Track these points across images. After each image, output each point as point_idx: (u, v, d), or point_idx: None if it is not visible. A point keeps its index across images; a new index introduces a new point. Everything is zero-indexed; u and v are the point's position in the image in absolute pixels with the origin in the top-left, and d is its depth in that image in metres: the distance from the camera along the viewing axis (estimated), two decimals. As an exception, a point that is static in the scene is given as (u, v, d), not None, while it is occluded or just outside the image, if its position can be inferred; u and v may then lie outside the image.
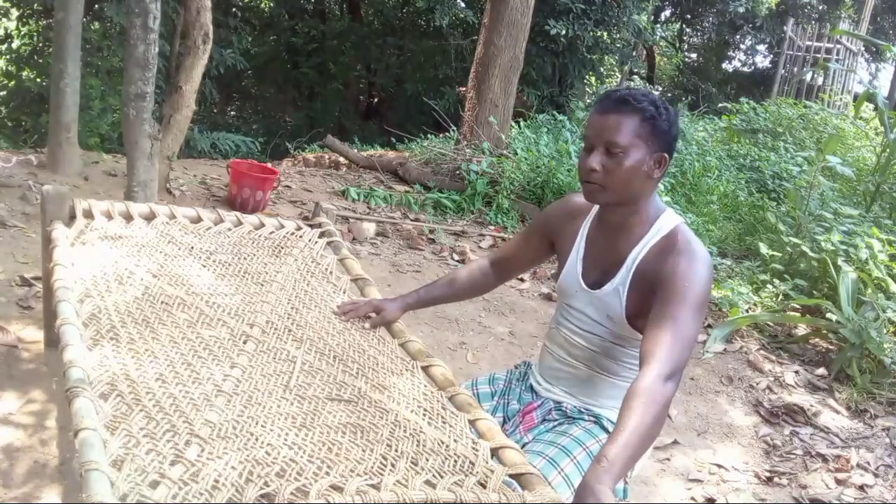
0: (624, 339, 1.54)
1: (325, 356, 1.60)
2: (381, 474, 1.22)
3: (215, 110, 10.57)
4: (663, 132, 1.42)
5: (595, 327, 1.56)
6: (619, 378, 1.58)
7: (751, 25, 12.91)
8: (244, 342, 1.59)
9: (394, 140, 7.11)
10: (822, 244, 3.96)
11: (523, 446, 1.54)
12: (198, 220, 2.18)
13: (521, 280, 4.03)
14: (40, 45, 7.15)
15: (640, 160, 1.41)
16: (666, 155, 1.44)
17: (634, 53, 10.21)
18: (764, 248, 4.30)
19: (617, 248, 1.52)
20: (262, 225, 2.23)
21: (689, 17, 14.19)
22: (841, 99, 10.43)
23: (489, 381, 1.76)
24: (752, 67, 15.00)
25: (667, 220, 1.50)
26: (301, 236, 2.23)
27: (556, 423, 1.59)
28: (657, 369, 1.26)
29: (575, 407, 1.60)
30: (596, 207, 1.59)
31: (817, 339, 3.73)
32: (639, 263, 1.48)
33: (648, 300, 1.42)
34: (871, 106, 7.65)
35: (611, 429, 1.54)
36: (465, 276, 1.82)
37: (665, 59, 15.22)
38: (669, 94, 14.33)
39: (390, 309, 1.78)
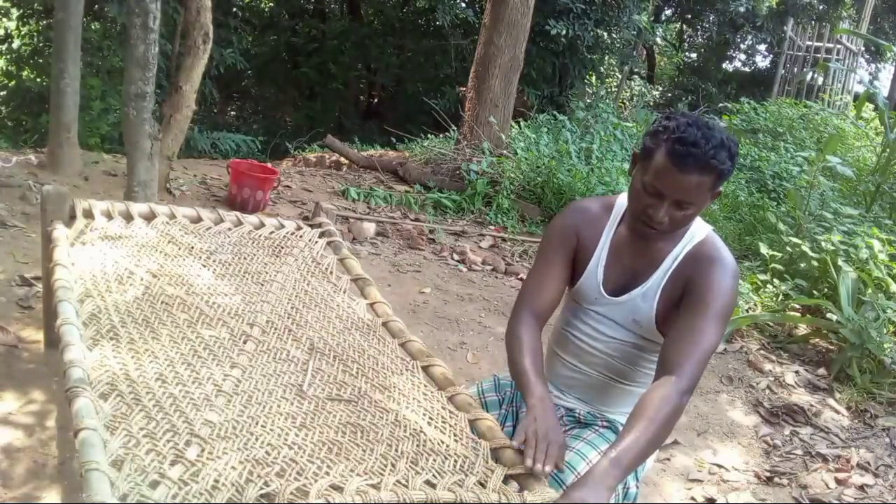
0: (646, 344, 1.53)
1: (326, 356, 1.60)
2: (382, 474, 1.22)
3: (215, 110, 10.56)
4: (728, 175, 1.39)
5: (618, 331, 1.54)
6: (634, 384, 1.58)
7: (751, 25, 12.91)
8: (244, 342, 1.59)
9: (394, 140, 7.11)
10: (822, 244, 3.96)
11: None
12: (198, 220, 2.18)
13: (522, 280, 4.03)
14: (40, 45, 7.15)
15: (704, 206, 1.41)
16: (721, 189, 1.42)
17: (634, 53, 10.21)
18: (764, 248, 4.29)
19: (651, 253, 1.50)
20: (262, 225, 2.23)
21: (689, 16, 14.19)
22: (841, 99, 10.42)
23: (495, 388, 1.71)
24: (753, 67, 15.01)
25: (699, 225, 1.51)
26: (301, 236, 2.23)
27: (568, 427, 1.59)
28: (679, 382, 1.28)
29: (588, 412, 1.60)
30: (617, 214, 1.56)
31: (817, 339, 3.72)
32: (675, 268, 1.47)
33: (676, 305, 1.43)
34: (872, 106, 7.64)
35: None
36: (536, 343, 1.52)
37: (665, 58, 15.21)
38: (669, 94, 14.33)
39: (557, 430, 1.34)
